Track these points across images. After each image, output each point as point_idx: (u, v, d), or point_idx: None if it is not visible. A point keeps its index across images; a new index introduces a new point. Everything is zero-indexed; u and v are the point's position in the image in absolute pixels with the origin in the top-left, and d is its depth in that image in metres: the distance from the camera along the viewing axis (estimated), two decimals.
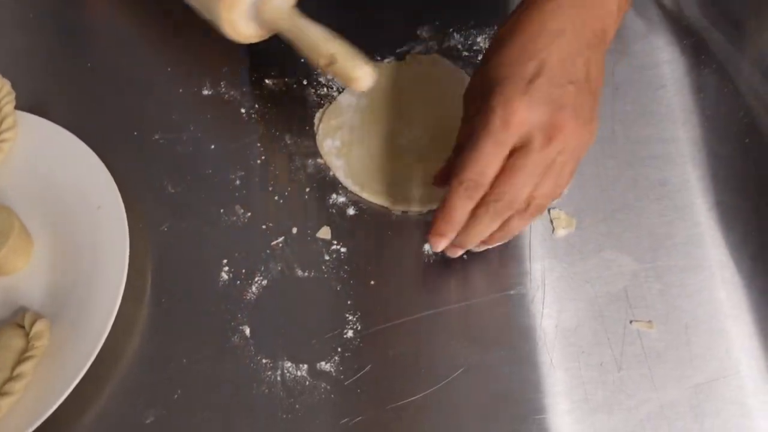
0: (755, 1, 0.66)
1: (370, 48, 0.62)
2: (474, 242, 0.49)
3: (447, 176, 0.48)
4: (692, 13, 0.65)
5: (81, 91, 0.58)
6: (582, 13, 0.45)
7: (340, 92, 0.61)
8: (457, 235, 0.48)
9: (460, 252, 0.51)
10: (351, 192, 0.56)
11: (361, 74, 0.49)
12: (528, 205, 0.46)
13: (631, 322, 0.50)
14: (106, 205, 0.52)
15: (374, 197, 0.55)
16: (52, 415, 0.45)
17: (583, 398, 0.48)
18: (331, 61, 0.49)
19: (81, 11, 0.67)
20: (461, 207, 0.46)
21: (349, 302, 0.51)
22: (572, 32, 0.45)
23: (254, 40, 0.56)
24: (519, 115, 0.43)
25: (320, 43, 0.50)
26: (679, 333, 0.50)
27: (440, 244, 0.49)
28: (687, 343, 0.50)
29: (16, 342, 0.48)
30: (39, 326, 0.47)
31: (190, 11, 0.66)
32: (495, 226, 0.47)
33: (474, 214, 0.46)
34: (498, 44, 0.47)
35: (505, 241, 0.51)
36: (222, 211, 0.55)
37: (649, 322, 0.50)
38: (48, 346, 0.48)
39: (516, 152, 0.44)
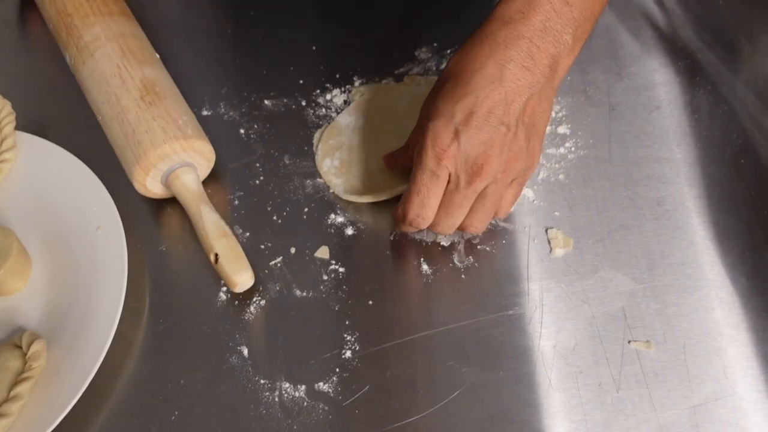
0: (748, 23, 0.67)
1: (369, 68, 0.63)
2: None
3: (395, 159, 0.55)
4: (686, 34, 0.66)
5: (82, 111, 0.59)
6: (530, 45, 0.46)
7: (338, 113, 0.61)
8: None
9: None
10: (349, 212, 0.56)
11: (239, 280, 0.50)
12: (465, 228, 0.52)
13: (629, 342, 0.50)
14: (105, 226, 0.52)
15: (377, 196, 0.56)
16: None
17: (581, 419, 0.48)
18: (215, 260, 0.50)
19: None
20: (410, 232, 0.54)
21: (347, 322, 0.52)
22: (516, 68, 0.46)
23: (161, 197, 0.56)
24: (446, 154, 0.46)
25: (210, 238, 0.51)
26: (677, 353, 0.50)
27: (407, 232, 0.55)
28: (685, 363, 0.50)
29: (13, 363, 0.47)
30: (36, 347, 0.47)
31: (192, 34, 0.67)
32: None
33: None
34: (441, 79, 0.49)
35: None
36: None
37: (647, 342, 0.50)
38: (45, 367, 0.48)
39: (449, 186, 0.48)
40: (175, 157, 0.53)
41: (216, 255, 0.50)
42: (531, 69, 0.46)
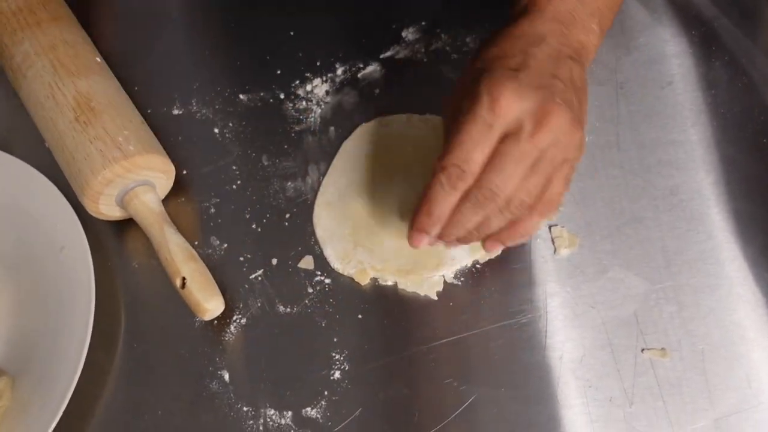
0: None
1: (352, 54, 0.58)
2: (453, 235, 0.44)
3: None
4: (700, 0, 0.59)
5: None
6: (562, 28, 0.44)
7: (319, 106, 0.56)
8: (446, 228, 0.44)
9: (437, 244, 0.46)
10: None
11: (210, 306, 0.47)
12: (509, 203, 0.42)
13: (642, 350, 0.46)
14: (69, 246, 0.49)
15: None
16: None
17: None
18: (183, 284, 0.46)
19: None
20: (443, 198, 0.42)
21: (335, 339, 0.48)
22: (554, 41, 0.43)
23: (124, 218, 0.52)
24: (507, 98, 0.40)
25: (176, 261, 0.47)
26: (695, 361, 0.46)
27: (420, 241, 0.45)
28: (704, 372, 0.46)
29: None
30: (0, 384, 0.44)
31: (158, 25, 0.62)
32: (476, 219, 0.42)
33: (456, 206, 0.42)
34: (484, 45, 0.45)
35: (491, 252, 0.46)
36: (196, 243, 0.51)
37: (663, 349, 0.46)
38: (11, 406, 0.45)
39: (504, 139, 0.40)
40: (122, 179, 0.49)
41: (183, 279, 0.46)
42: (566, 45, 0.44)
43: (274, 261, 0.51)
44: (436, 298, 0.49)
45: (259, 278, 0.50)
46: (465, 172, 0.41)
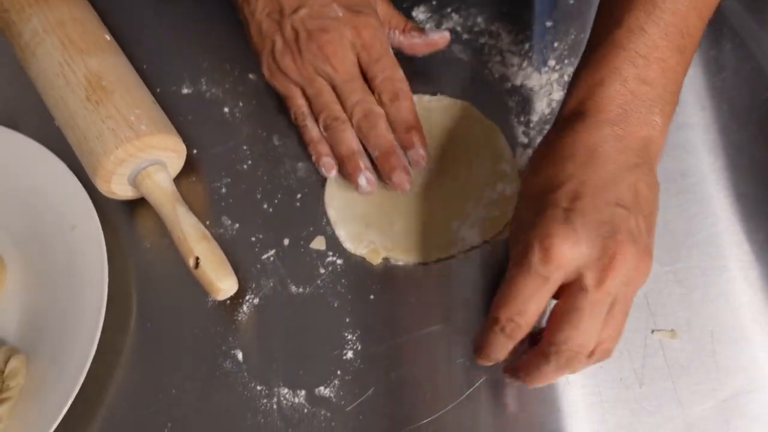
0: None
1: None
2: (538, 383, 0.42)
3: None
4: None
5: None
6: (619, 130, 0.40)
7: None
8: (520, 374, 0.42)
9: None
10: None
11: (224, 286, 0.46)
12: (593, 354, 0.39)
13: (652, 331, 0.47)
14: (81, 224, 0.48)
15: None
16: None
17: (601, 418, 0.45)
18: (196, 264, 0.46)
19: None
20: (502, 346, 0.41)
21: (347, 320, 0.48)
22: (611, 150, 0.39)
23: (136, 197, 0.51)
24: (560, 247, 0.37)
25: (189, 241, 0.46)
26: (704, 342, 0.46)
27: (487, 365, 0.44)
28: (712, 352, 0.46)
29: None
30: (14, 363, 0.44)
31: (166, 1, 0.61)
32: (560, 374, 0.40)
33: (532, 361, 0.40)
34: (530, 173, 0.42)
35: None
36: (207, 223, 0.51)
37: (672, 331, 0.47)
38: (25, 385, 0.45)
39: (569, 292, 0.38)
40: (134, 159, 0.48)
41: (197, 259, 0.46)
42: (624, 151, 0.39)
43: (286, 241, 0.51)
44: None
45: (271, 258, 0.50)
46: (521, 326, 0.39)
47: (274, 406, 0.46)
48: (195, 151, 0.54)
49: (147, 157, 0.49)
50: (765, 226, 0.50)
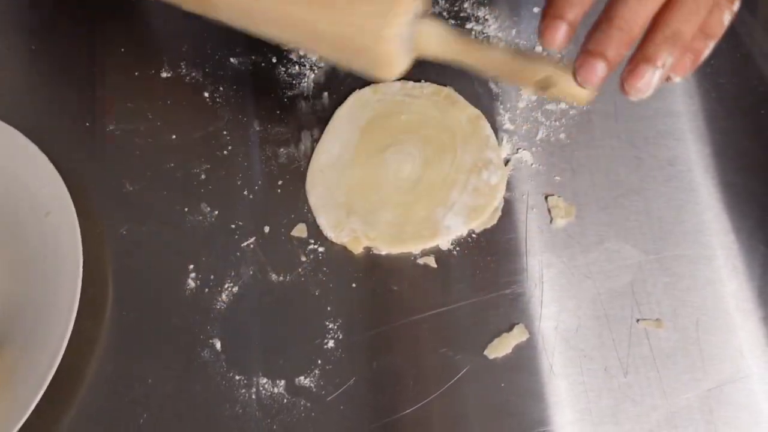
0: None
1: None
2: (624, 36, 0.35)
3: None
4: None
5: (24, 80, 0.52)
6: None
7: (312, 70, 0.55)
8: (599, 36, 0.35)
9: (599, 67, 0.35)
10: None
11: (587, 90, 0.38)
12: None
13: (637, 320, 0.46)
14: (55, 211, 0.47)
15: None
16: None
17: (586, 408, 0.44)
18: (546, 85, 0.38)
19: None
20: (614, 42, 0.34)
21: (329, 308, 0.47)
22: None
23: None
24: None
25: (532, 65, 0.38)
26: (689, 331, 0.46)
27: (554, 31, 0.35)
28: (697, 342, 0.46)
29: None
30: None
31: None
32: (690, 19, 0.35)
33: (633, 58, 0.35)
34: None
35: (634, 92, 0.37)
36: (186, 210, 0.50)
37: (657, 320, 0.46)
38: None
39: None
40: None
41: (547, 79, 0.37)
42: None
43: (267, 229, 0.50)
44: (435, 266, 0.48)
45: (251, 246, 0.49)
46: (638, 22, 0.34)
47: (253, 396, 0.45)
48: (173, 136, 0.53)
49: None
50: (754, 214, 0.49)
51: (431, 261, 0.48)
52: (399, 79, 0.52)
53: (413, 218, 0.49)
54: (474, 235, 0.49)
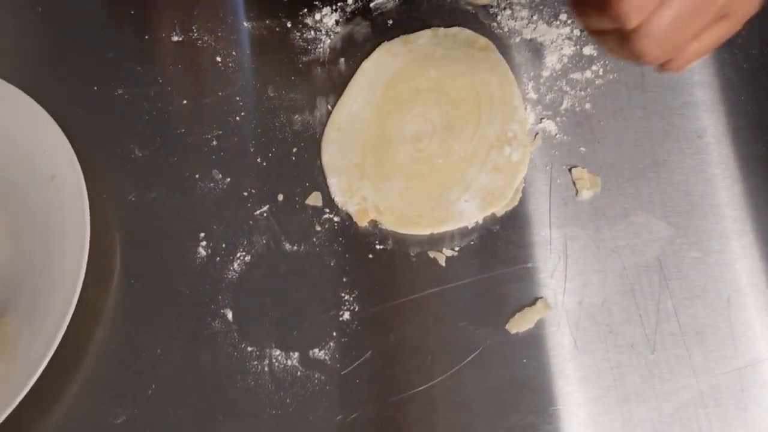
0: None
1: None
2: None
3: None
4: None
5: (31, 41, 0.51)
6: None
7: (329, 36, 0.53)
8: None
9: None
10: None
11: None
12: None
13: (665, 296, 0.44)
14: (61, 175, 0.46)
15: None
16: (9, 418, 0.40)
17: (611, 385, 0.42)
18: None
19: None
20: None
21: (344, 279, 0.45)
22: None
23: None
24: None
25: None
26: (720, 308, 0.44)
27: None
28: (728, 319, 0.44)
29: None
30: None
31: None
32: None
33: None
34: None
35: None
36: (197, 176, 0.49)
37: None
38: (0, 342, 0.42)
39: None
40: None
41: None
42: None
43: (280, 197, 0.48)
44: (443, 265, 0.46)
45: (265, 214, 0.47)
46: None
47: (266, 368, 0.43)
48: (185, 102, 0.51)
49: None
50: None
51: (441, 259, 0.46)
52: (429, 26, 0.50)
53: (425, 195, 0.47)
54: (486, 224, 0.47)
